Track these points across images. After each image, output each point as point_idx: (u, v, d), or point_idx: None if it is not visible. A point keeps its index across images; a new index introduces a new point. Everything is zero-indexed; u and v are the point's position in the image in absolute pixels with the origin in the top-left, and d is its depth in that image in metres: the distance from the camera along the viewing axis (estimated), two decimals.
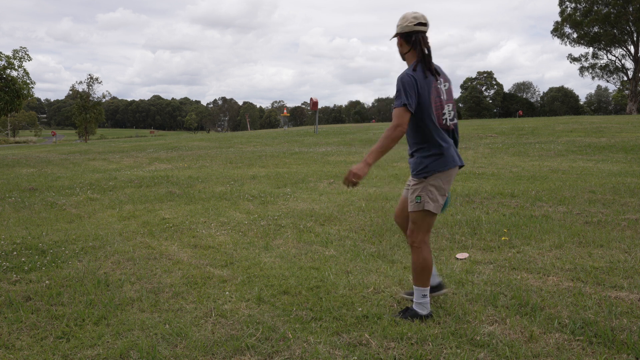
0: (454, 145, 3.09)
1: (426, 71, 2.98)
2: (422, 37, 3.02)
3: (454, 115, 3.10)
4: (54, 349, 2.81)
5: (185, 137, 39.59)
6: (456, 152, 3.08)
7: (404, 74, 2.94)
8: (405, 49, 3.07)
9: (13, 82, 23.71)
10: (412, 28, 3.01)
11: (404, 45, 3.08)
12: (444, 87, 3.05)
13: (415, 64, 2.97)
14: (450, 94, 3.11)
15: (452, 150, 3.03)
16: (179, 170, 12.48)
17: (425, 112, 2.94)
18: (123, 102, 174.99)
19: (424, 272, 3.06)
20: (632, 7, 48.20)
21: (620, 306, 3.17)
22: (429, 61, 3.00)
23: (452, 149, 3.04)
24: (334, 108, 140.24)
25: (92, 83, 62.11)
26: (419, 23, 3.01)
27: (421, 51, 3.00)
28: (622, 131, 18.53)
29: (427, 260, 3.06)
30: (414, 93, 2.89)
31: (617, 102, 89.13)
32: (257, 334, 2.91)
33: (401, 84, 2.91)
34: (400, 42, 3.09)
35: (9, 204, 7.60)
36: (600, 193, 7.15)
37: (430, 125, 2.96)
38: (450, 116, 3.07)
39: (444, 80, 3.08)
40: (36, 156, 18.34)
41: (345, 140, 21.22)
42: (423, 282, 3.08)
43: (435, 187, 2.99)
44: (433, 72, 3.00)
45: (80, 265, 4.33)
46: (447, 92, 3.08)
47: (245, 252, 4.68)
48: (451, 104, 3.09)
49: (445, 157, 2.98)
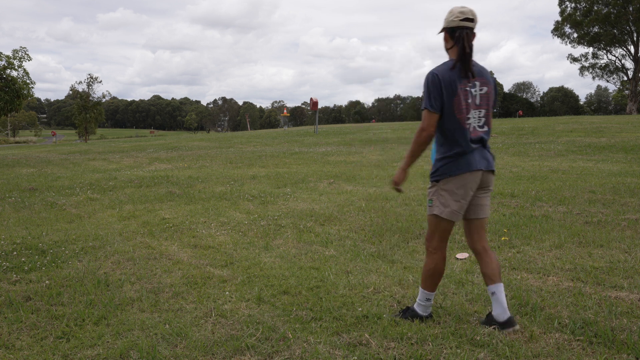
0: (481, 150, 2.89)
1: (464, 71, 2.82)
2: (466, 34, 2.85)
3: (483, 123, 2.89)
4: (54, 349, 2.81)
5: (185, 137, 39.59)
6: (481, 157, 2.87)
7: (429, 73, 2.85)
8: (449, 44, 2.92)
9: (13, 82, 23.71)
10: (458, 23, 2.86)
11: (448, 40, 2.93)
12: (478, 91, 2.86)
13: (454, 62, 2.84)
14: (487, 99, 2.90)
15: (473, 154, 2.85)
16: (179, 170, 12.48)
17: (447, 112, 2.81)
18: (123, 102, 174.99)
19: (433, 277, 3.01)
20: (632, 7, 48.20)
21: (620, 306, 3.17)
22: (468, 60, 2.83)
23: (475, 154, 2.85)
24: (334, 108, 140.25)
25: (92, 83, 62.14)
26: (465, 18, 2.85)
27: (462, 49, 2.83)
28: (622, 131, 18.53)
29: (438, 267, 2.98)
30: (438, 94, 2.80)
31: (617, 102, 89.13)
32: (257, 334, 2.91)
33: (425, 85, 2.84)
34: (446, 37, 2.94)
35: (9, 204, 7.60)
36: (600, 193, 7.15)
37: (450, 127, 2.82)
38: (478, 122, 2.87)
39: (482, 84, 2.88)
40: (36, 156, 18.34)
41: (345, 140, 21.22)
42: (430, 287, 3.03)
43: (446, 191, 2.85)
44: (469, 73, 2.83)
45: (80, 265, 4.33)
46: (482, 96, 2.88)
47: (245, 252, 4.68)
48: (483, 110, 2.88)
49: (460, 161, 2.83)
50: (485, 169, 2.88)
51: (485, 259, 2.98)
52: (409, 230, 5.35)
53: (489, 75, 2.95)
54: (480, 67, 2.93)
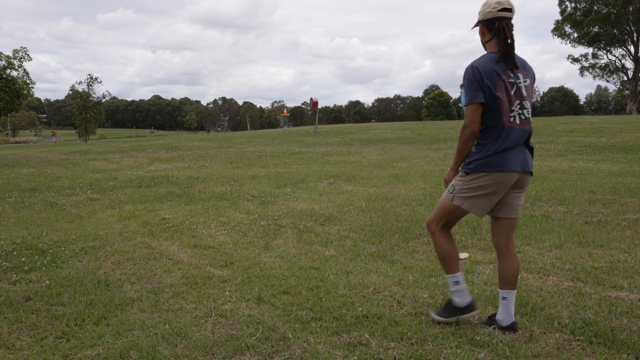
0: (521, 148, 2.80)
1: (509, 63, 2.72)
2: (506, 24, 2.73)
3: (529, 115, 2.80)
4: (54, 349, 2.81)
5: (185, 137, 39.59)
6: (519, 156, 2.77)
7: (468, 67, 2.75)
8: (487, 37, 2.80)
9: (13, 82, 23.70)
10: (495, 14, 2.73)
11: (485, 33, 2.81)
12: (523, 83, 2.76)
13: (498, 55, 2.72)
14: (530, 91, 2.81)
15: (512, 153, 2.74)
16: (179, 170, 12.48)
17: (492, 104, 2.70)
18: (123, 102, 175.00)
19: (446, 258, 2.91)
20: (632, 7, 48.19)
21: (620, 306, 3.17)
22: (512, 52, 2.72)
23: (514, 152, 2.75)
24: (334, 108, 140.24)
25: (92, 83, 62.16)
26: (503, 9, 2.73)
27: (504, 40, 2.71)
28: (622, 131, 18.53)
29: (444, 247, 2.90)
30: (479, 86, 2.68)
31: (617, 102, 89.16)
32: (257, 334, 2.91)
33: (466, 80, 2.73)
34: (482, 31, 2.83)
35: (9, 204, 7.60)
36: (600, 193, 7.15)
37: (491, 121, 2.72)
38: (524, 115, 2.77)
39: (524, 77, 2.78)
40: (36, 156, 18.34)
41: (345, 140, 21.22)
42: (450, 269, 2.91)
43: (474, 187, 2.77)
44: (513, 65, 2.73)
45: (80, 265, 4.33)
46: (527, 88, 2.78)
47: (245, 252, 4.68)
48: (528, 102, 2.79)
49: (496, 158, 2.71)
50: (521, 170, 2.77)
51: (507, 261, 2.89)
52: (409, 230, 5.35)
53: (529, 67, 2.86)
54: (520, 58, 2.83)
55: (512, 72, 2.73)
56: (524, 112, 2.77)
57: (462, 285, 2.92)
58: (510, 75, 2.73)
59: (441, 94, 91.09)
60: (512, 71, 2.73)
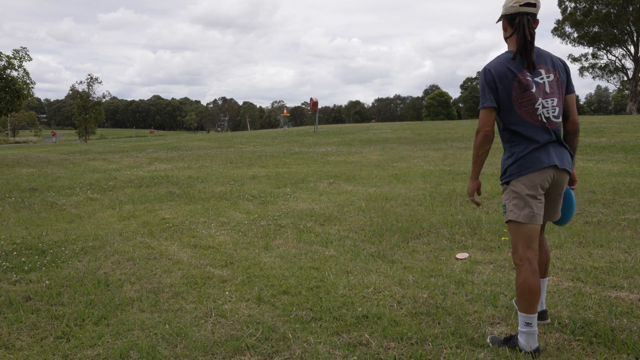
0: (555, 146, 2.64)
1: (526, 62, 2.60)
2: (527, 20, 2.61)
3: (558, 112, 2.65)
4: (54, 349, 2.81)
5: (185, 137, 39.59)
6: (556, 152, 2.63)
7: (482, 70, 2.70)
8: (508, 32, 2.70)
9: (13, 82, 23.70)
10: (518, 9, 2.62)
11: (507, 28, 2.71)
12: (546, 79, 2.63)
13: (514, 53, 2.62)
14: (556, 86, 2.65)
15: (541, 150, 2.60)
16: (179, 170, 12.48)
17: (505, 107, 2.62)
18: (123, 102, 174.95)
19: (524, 295, 2.58)
20: (632, 7, 48.20)
21: (620, 306, 3.16)
22: (530, 50, 2.59)
23: (549, 148, 2.61)
24: (334, 108, 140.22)
25: (92, 83, 62.09)
26: (526, 3, 2.61)
27: (523, 37, 2.59)
28: (622, 131, 18.53)
29: (528, 282, 2.57)
30: (491, 89, 2.62)
31: (617, 102, 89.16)
32: (257, 334, 2.91)
33: (480, 83, 2.68)
34: (504, 26, 2.73)
35: (9, 204, 7.60)
36: (600, 193, 7.15)
37: (512, 122, 2.63)
38: (553, 112, 2.62)
39: (547, 72, 2.64)
40: (36, 156, 18.34)
41: (345, 140, 21.22)
42: (524, 308, 2.59)
43: (517, 193, 2.61)
44: (529, 62, 2.60)
45: (80, 265, 4.33)
46: (551, 84, 2.64)
47: (245, 252, 4.68)
48: (555, 98, 2.63)
49: (526, 158, 2.60)
50: (560, 166, 2.62)
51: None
52: (409, 230, 5.35)
53: (555, 60, 2.72)
54: (545, 53, 2.70)
55: (529, 70, 2.61)
56: (547, 110, 2.62)
57: (534, 328, 2.60)
58: (528, 74, 2.61)
59: (441, 94, 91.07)
60: (529, 69, 2.61)
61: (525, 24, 2.61)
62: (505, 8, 2.70)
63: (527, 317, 2.58)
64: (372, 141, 20.21)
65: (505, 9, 2.71)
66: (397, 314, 3.16)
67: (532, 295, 2.57)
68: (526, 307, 2.58)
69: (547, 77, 2.64)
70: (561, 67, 2.72)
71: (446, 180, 9.28)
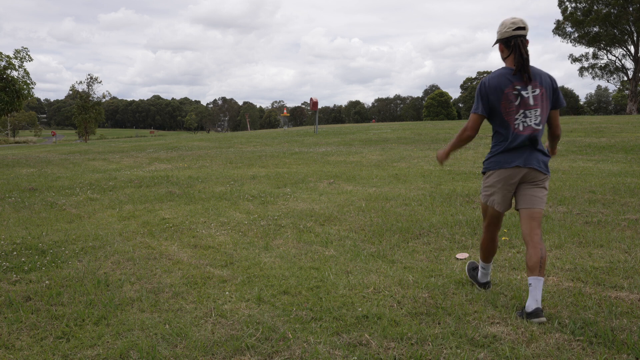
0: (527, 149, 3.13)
1: (525, 76, 3.09)
2: (520, 41, 3.11)
3: (540, 121, 3.11)
4: (54, 349, 2.81)
5: (185, 137, 39.59)
6: (524, 155, 3.12)
7: (482, 81, 3.24)
8: (506, 53, 3.20)
9: (13, 82, 23.69)
10: (511, 33, 3.13)
11: (504, 50, 3.21)
12: (531, 93, 3.10)
13: (514, 70, 3.10)
14: (540, 99, 3.11)
15: (513, 152, 3.13)
16: (179, 170, 12.48)
17: (495, 114, 3.18)
18: (123, 102, 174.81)
19: (481, 250, 3.52)
20: (632, 7, 48.19)
21: (620, 306, 3.16)
22: (527, 65, 3.08)
23: (517, 152, 3.13)
24: (334, 108, 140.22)
25: (92, 83, 62.06)
26: (517, 28, 3.13)
27: (520, 56, 3.09)
28: (622, 131, 18.53)
29: (484, 244, 3.48)
30: (482, 100, 3.17)
31: (617, 102, 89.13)
32: (257, 334, 2.91)
33: (477, 91, 3.22)
34: (501, 48, 3.23)
35: (9, 204, 7.60)
36: (600, 193, 7.15)
37: (498, 127, 3.19)
38: (534, 120, 3.10)
39: (533, 87, 3.11)
40: (36, 156, 18.35)
41: (345, 140, 21.22)
42: (482, 258, 3.54)
43: (488, 184, 3.27)
44: (528, 77, 3.08)
45: (80, 265, 4.33)
46: (535, 97, 3.11)
47: (245, 252, 4.68)
48: (538, 109, 3.10)
49: (501, 157, 3.17)
50: (522, 165, 3.12)
51: (529, 250, 3.10)
52: (409, 230, 5.35)
53: (545, 77, 3.17)
54: (536, 71, 3.15)
55: (522, 83, 3.10)
56: (527, 120, 3.11)
57: (488, 272, 3.57)
58: (516, 88, 3.10)
59: (441, 94, 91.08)
60: (525, 83, 3.10)
61: (520, 45, 3.11)
62: (500, 33, 3.19)
63: (483, 264, 3.56)
64: (371, 141, 20.21)
65: (500, 34, 3.20)
66: (397, 314, 3.16)
67: (485, 252, 3.51)
68: (483, 257, 3.55)
69: (533, 92, 3.12)
70: (548, 84, 3.18)
71: (446, 180, 9.28)
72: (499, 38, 3.20)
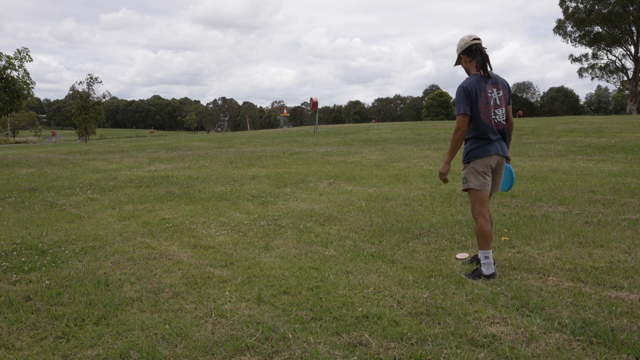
0: (501, 140, 3.86)
1: (483, 77, 3.73)
2: (479, 46, 3.79)
3: (503, 118, 3.84)
4: (54, 349, 2.81)
5: (185, 137, 39.59)
6: (500, 145, 3.84)
7: (460, 87, 3.75)
8: (469, 60, 3.83)
9: (13, 82, 23.70)
10: (470, 43, 3.80)
11: (467, 59, 3.84)
12: (496, 95, 3.79)
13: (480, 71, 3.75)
14: (503, 100, 3.83)
15: (495, 143, 3.80)
16: (179, 170, 12.48)
17: (476, 113, 3.74)
18: (123, 102, 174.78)
19: (482, 237, 3.78)
20: (632, 7, 48.19)
21: (620, 306, 3.16)
22: (488, 63, 3.76)
23: (496, 143, 3.81)
24: (334, 108, 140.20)
25: (92, 83, 62.04)
26: (474, 39, 3.81)
27: (481, 57, 3.75)
28: (622, 131, 18.53)
29: (483, 228, 3.77)
30: (467, 101, 3.72)
31: (617, 102, 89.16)
32: (257, 334, 2.91)
33: (458, 96, 3.75)
34: (465, 59, 3.85)
35: (9, 204, 7.60)
36: (600, 193, 7.15)
37: (478, 124, 3.76)
38: (502, 118, 3.84)
39: (497, 90, 3.80)
40: (36, 156, 18.35)
41: (345, 140, 21.22)
42: (483, 246, 3.77)
43: (476, 170, 3.80)
44: (487, 77, 3.73)
45: (80, 265, 4.33)
46: (500, 98, 3.82)
47: (245, 252, 4.68)
48: (502, 108, 3.83)
49: (482, 148, 3.78)
50: (500, 154, 3.85)
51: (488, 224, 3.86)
52: (409, 230, 5.35)
53: (502, 81, 3.87)
54: (496, 76, 3.83)
55: (492, 87, 3.76)
56: (497, 117, 3.82)
57: (491, 260, 3.76)
58: (489, 91, 3.76)
59: (441, 94, 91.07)
60: (490, 87, 3.75)
61: (479, 47, 3.80)
62: (461, 47, 3.84)
63: (486, 252, 3.77)
64: (371, 141, 20.21)
65: (461, 47, 3.84)
66: (397, 314, 3.16)
67: (487, 237, 3.78)
68: (484, 245, 3.78)
69: (497, 94, 3.82)
70: (506, 86, 3.90)
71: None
72: (461, 51, 3.81)
